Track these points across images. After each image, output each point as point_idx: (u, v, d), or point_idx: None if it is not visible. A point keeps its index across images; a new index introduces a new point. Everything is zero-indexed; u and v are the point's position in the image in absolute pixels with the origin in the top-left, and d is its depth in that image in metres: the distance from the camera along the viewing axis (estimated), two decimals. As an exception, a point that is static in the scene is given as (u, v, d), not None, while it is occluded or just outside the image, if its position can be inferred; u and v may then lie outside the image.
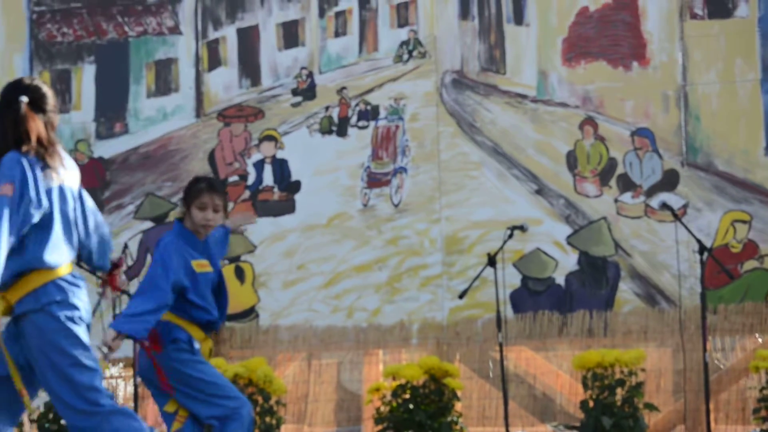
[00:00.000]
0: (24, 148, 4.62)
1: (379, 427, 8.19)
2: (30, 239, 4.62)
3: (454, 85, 9.27)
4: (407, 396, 8.16)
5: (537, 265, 8.89)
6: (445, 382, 8.16)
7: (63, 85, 9.72)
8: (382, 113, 9.36)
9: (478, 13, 9.23)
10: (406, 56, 9.36)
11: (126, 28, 9.70)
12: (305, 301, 9.26)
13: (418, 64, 9.34)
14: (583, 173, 8.93)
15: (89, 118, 9.71)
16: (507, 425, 7.76)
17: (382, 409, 8.21)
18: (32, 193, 4.58)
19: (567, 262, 8.86)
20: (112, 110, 9.68)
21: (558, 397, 9.16)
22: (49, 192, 4.65)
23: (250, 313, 9.33)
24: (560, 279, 8.86)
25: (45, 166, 4.65)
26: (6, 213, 4.51)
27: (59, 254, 4.67)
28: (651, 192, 8.77)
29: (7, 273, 4.56)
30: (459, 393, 8.25)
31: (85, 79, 9.72)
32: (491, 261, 7.86)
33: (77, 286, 4.68)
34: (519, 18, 9.14)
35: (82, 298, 4.68)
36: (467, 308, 8.90)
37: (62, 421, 8.15)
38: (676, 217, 7.76)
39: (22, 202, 4.57)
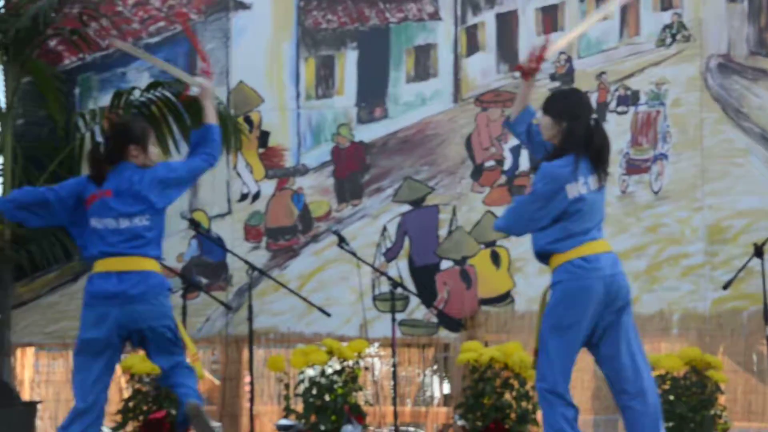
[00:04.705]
0: None
1: (638, 417, 8.05)
2: None
3: (719, 70, 9.00)
4: (667, 387, 8.01)
5: (806, 257, 8.54)
6: (707, 375, 7.97)
7: (327, 70, 9.94)
8: (643, 98, 9.18)
9: (747, -6, 8.94)
10: (669, 40, 9.14)
11: (387, 15, 9.84)
12: (562, 288, 9.18)
13: (682, 48, 9.10)
14: None
15: (351, 103, 9.89)
16: (774, 422, 7.52)
17: (641, 399, 8.08)
18: None
19: (839, 254, 8.48)
20: (372, 95, 9.83)
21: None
22: None
23: (505, 297, 9.34)
24: (830, 271, 8.49)
25: None
26: None
27: None
28: None
29: None
30: (723, 386, 8.04)
31: (348, 64, 9.89)
32: (758, 251, 7.59)
33: None
34: (791, -1, 8.80)
35: None
36: (731, 299, 8.65)
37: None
38: None
39: None
